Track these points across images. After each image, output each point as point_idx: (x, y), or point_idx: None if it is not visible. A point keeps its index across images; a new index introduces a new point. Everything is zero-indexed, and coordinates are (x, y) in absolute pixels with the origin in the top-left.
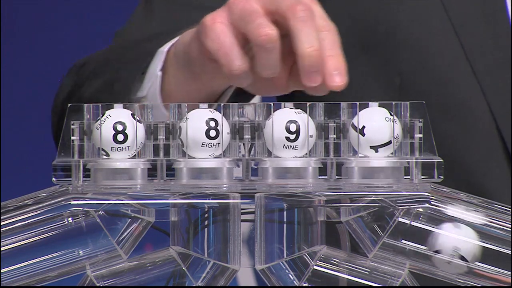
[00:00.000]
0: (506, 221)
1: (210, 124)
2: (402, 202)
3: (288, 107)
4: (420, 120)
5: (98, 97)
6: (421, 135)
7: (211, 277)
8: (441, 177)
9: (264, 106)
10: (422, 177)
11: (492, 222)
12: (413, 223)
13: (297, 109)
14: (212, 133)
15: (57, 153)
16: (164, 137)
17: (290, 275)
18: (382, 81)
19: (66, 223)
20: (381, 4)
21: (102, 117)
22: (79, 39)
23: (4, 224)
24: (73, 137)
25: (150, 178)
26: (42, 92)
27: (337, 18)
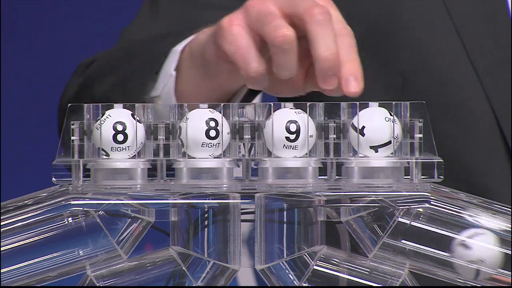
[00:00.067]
0: (506, 221)
1: (210, 124)
2: (402, 202)
3: (288, 107)
4: (420, 120)
5: (110, 97)
6: (421, 135)
7: (211, 277)
8: (441, 177)
9: (264, 106)
10: (422, 177)
11: (492, 222)
12: (413, 223)
13: (297, 109)
14: (212, 133)
15: (57, 153)
16: (164, 137)
17: (290, 275)
18: (383, 81)
19: (66, 223)
20: (382, 4)
21: (102, 117)
22: (79, 39)
23: (4, 224)
24: (73, 137)
25: (150, 178)
26: (42, 92)
27: None
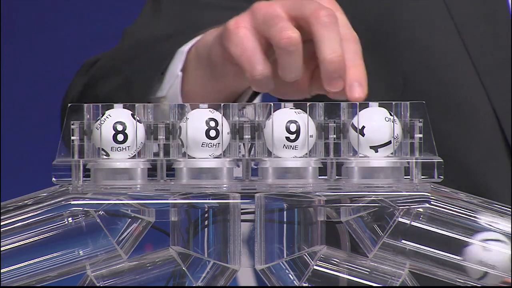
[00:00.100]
0: (506, 221)
1: (210, 124)
2: (402, 202)
3: (288, 107)
4: (420, 120)
5: (115, 97)
6: (421, 135)
7: (211, 277)
8: (441, 177)
9: (264, 106)
10: (422, 177)
11: (492, 222)
12: (413, 223)
13: (297, 109)
14: (212, 133)
15: (57, 153)
16: (164, 137)
17: (290, 275)
18: (385, 81)
19: (66, 223)
20: (384, 4)
21: (102, 117)
22: (79, 39)
23: (4, 224)
24: (73, 137)
25: (150, 178)
26: (42, 92)
27: None
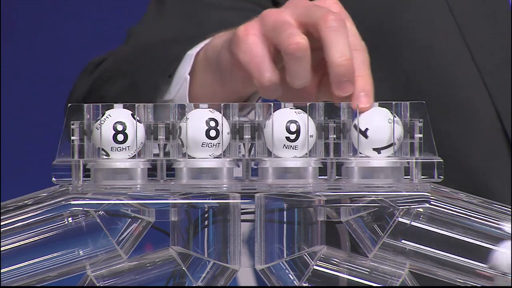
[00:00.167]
0: (506, 221)
1: (210, 124)
2: (402, 202)
3: (288, 107)
4: (420, 120)
5: (121, 99)
6: (421, 135)
7: (211, 277)
8: (441, 177)
9: (264, 106)
10: (422, 177)
11: (492, 222)
12: (413, 223)
13: (297, 109)
14: (212, 133)
15: (57, 153)
16: (164, 137)
17: (290, 275)
18: (387, 81)
19: (66, 223)
20: (386, 4)
21: (102, 117)
22: (79, 39)
23: (4, 224)
24: (73, 137)
25: (150, 178)
26: (42, 92)
27: None
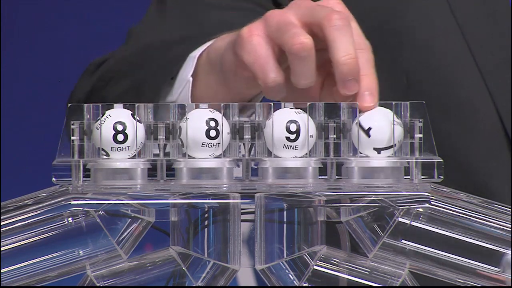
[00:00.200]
0: (506, 221)
1: (210, 124)
2: (402, 202)
3: (288, 107)
4: (420, 120)
5: (123, 100)
6: (421, 135)
7: (211, 277)
8: (441, 177)
9: (264, 106)
10: (422, 177)
11: (492, 222)
12: (413, 223)
13: (297, 109)
14: (212, 133)
15: (57, 153)
16: (164, 137)
17: (290, 275)
18: (389, 81)
19: (66, 223)
20: (386, 4)
21: (102, 117)
22: (79, 39)
23: (4, 224)
24: (73, 137)
25: (150, 178)
26: (42, 92)
27: None
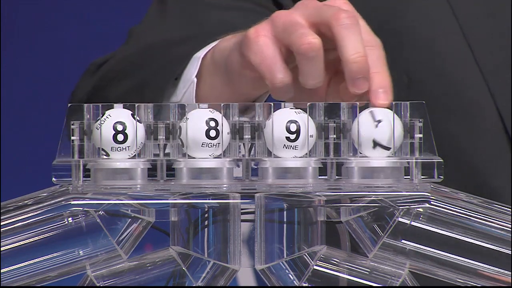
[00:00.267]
0: (506, 221)
1: (210, 124)
2: (402, 202)
3: (288, 107)
4: (420, 120)
5: (126, 100)
6: (421, 135)
7: (211, 277)
8: (441, 177)
9: (264, 106)
10: (422, 177)
11: (492, 222)
12: (413, 223)
13: (297, 109)
14: (212, 133)
15: (57, 153)
16: (164, 137)
17: (290, 275)
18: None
19: (66, 223)
20: (387, 4)
21: (102, 117)
22: (79, 39)
23: (4, 224)
24: (73, 137)
25: (150, 178)
26: (42, 92)
27: None
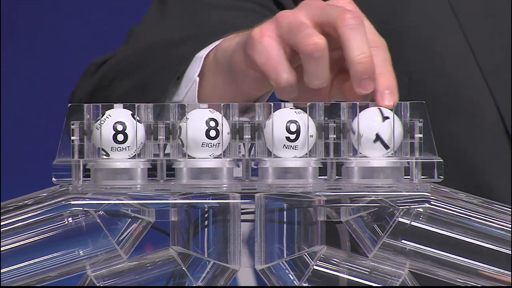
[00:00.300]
0: (506, 221)
1: (210, 124)
2: (402, 202)
3: (288, 107)
4: (420, 120)
5: (127, 100)
6: (421, 135)
7: (211, 277)
8: (441, 177)
9: (264, 106)
10: (422, 177)
11: (492, 222)
12: (413, 223)
13: (297, 109)
14: (212, 133)
15: (57, 153)
16: (164, 137)
17: (290, 275)
18: None
19: (66, 223)
20: (387, 4)
21: (102, 117)
22: (79, 39)
23: (4, 224)
24: (73, 137)
25: (150, 178)
26: (42, 92)
27: None
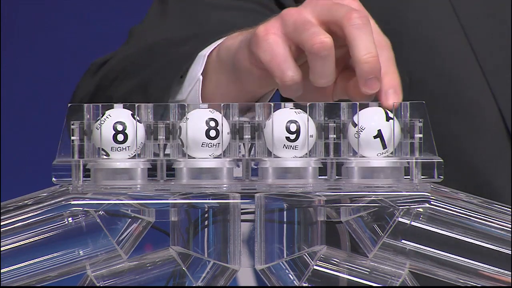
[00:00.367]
0: (506, 221)
1: (210, 124)
2: (402, 202)
3: (288, 107)
4: (420, 120)
5: (130, 99)
6: (421, 135)
7: (211, 277)
8: (441, 177)
9: (264, 106)
10: (422, 177)
11: (492, 222)
12: (413, 223)
13: (297, 109)
14: (212, 133)
15: (57, 153)
16: (164, 137)
17: (290, 275)
18: None
19: (66, 223)
20: (388, 4)
21: (102, 117)
22: (79, 39)
23: (4, 224)
24: (73, 137)
25: (150, 178)
26: (42, 92)
27: None
